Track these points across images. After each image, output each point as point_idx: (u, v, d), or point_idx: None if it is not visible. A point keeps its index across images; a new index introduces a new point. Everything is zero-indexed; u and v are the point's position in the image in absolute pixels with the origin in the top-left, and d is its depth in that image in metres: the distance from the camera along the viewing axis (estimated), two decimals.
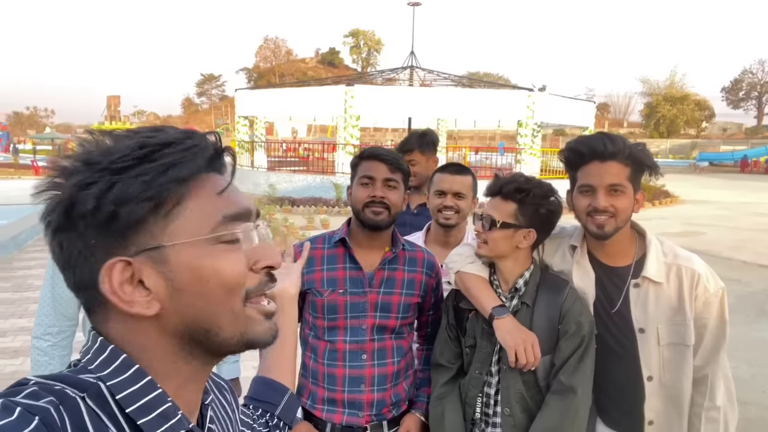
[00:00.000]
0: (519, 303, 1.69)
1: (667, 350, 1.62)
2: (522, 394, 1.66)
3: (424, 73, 24.07)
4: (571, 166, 1.69)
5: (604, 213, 1.59)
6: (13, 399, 0.54)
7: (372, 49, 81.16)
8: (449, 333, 1.83)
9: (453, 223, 2.21)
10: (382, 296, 1.83)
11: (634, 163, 1.60)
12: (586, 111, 21.94)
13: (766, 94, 66.09)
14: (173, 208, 0.62)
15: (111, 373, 0.61)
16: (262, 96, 21.51)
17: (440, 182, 2.24)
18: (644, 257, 1.66)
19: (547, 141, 43.45)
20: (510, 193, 1.68)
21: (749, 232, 12.47)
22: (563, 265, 1.77)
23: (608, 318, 1.67)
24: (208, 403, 0.75)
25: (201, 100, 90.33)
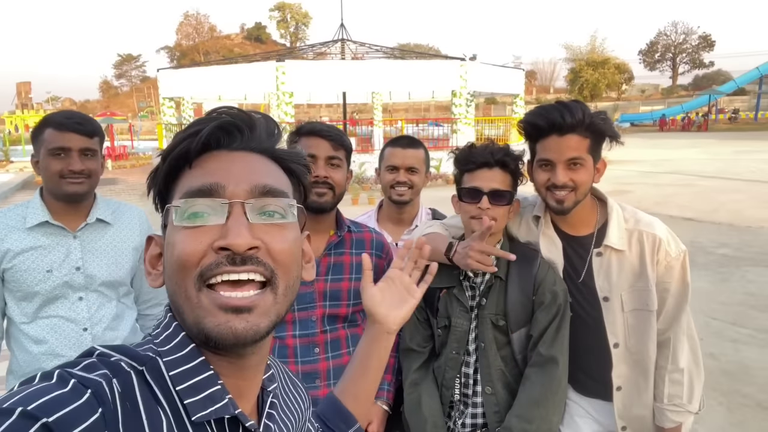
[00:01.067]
0: (492, 277, 1.65)
1: (631, 316, 1.64)
2: (502, 371, 1.64)
3: (355, 46, 23.69)
4: (530, 138, 1.65)
5: (563, 188, 1.57)
6: (69, 370, 0.56)
7: (300, 23, 79.11)
8: (418, 316, 1.78)
9: (407, 199, 2.14)
10: (330, 284, 1.72)
11: (593, 134, 1.57)
12: (515, 78, 22.34)
13: (679, 54, 69.80)
14: (171, 188, 0.67)
15: (170, 349, 0.63)
16: (188, 75, 20.50)
17: (392, 157, 2.15)
18: (606, 225, 1.66)
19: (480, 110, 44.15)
20: (507, 162, 1.63)
21: (672, 187, 13.23)
22: (529, 236, 1.75)
23: (575, 287, 1.67)
24: (271, 390, 0.74)
25: (120, 82, 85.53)
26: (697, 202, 11.27)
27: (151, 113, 49.64)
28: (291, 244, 0.66)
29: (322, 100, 31.00)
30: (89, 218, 1.85)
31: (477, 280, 1.68)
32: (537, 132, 1.61)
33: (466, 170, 1.66)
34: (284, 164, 0.72)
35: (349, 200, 13.04)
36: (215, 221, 0.62)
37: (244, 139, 0.68)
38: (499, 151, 1.63)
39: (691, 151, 22.16)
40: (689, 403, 1.66)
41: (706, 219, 9.62)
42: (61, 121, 1.74)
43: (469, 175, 1.65)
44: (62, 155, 1.73)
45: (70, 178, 1.75)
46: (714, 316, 5.13)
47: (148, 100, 63.63)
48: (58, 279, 1.78)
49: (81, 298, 1.83)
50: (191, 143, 0.65)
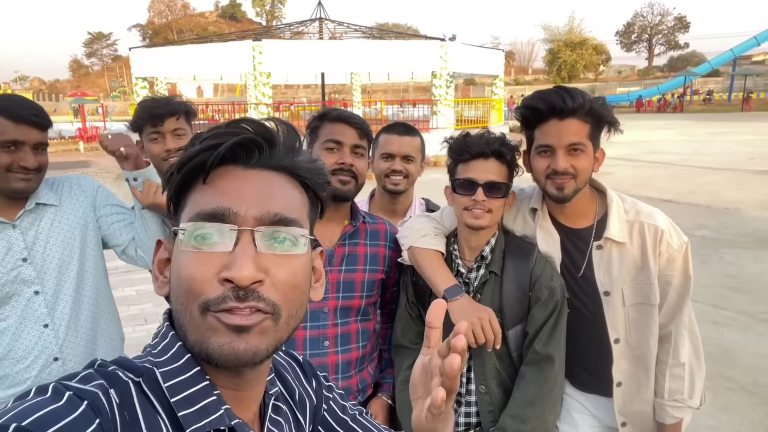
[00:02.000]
0: (487, 272, 1.57)
1: (633, 311, 1.58)
2: (497, 369, 1.57)
3: (333, 26, 23.24)
4: (528, 125, 1.57)
5: (564, 175, 1.49)
6: (65, 383, 0.56)
7: (276, 1, 77.57)
8: (410, 311, 1.70)
9: (402, 189, 2.04)
10: (343, 275, 1.66)
11: (593, 120, 1.50)
12: (495, 59, 22.25)
13: (655, 36, 70.44)
14: (183, 198, 0.66)
15: (166, 360, 0.62)
16: (161, 54, 19.94)
17: (387, 144, 2.04)
18: (605, 217, 1.59)
19: (459, 91, 44.05)
20: (503, 153, 1.54)
21: (650, 169, 13.37)
22: (525, 229, 1.67)
23: (574, 282, 1.60)
24: (273, 393, 0.73)
25: (91, 61, 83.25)
26: (675, 183, 11.40)
27: (123, 93, 48.43)
28: (297, 273, 0.65)
29: (300, 80, 30.55)
30: (27, 205, 1.67)
31: (471, 276, 1.59)
32: (536, 116, 1.52)
33: (461, 160, 1.57)
34: (302, 180, 0.70)
35: None
36: (222, 248, 0.61)
37: (262, 157, 0.66)
38: (495, 141, 1.55)
39: (667, 132, 22.44)
40: (690, 398, 1.62)
41: (684, 201, 9.74)
42: (14, 110, 1.57)
43: (464, 166, 1.56)
44: (13, 148, 1.57)
45: (20, 173, 1.59)
46: (695, 298, 5.13)
47: (120, 80, 62.10)
48: (3, 275, 1.62)
49: (37, 291, 1.67)
50: (207, 157, 0.63)
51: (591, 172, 1.54)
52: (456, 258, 1.62)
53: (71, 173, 1.75)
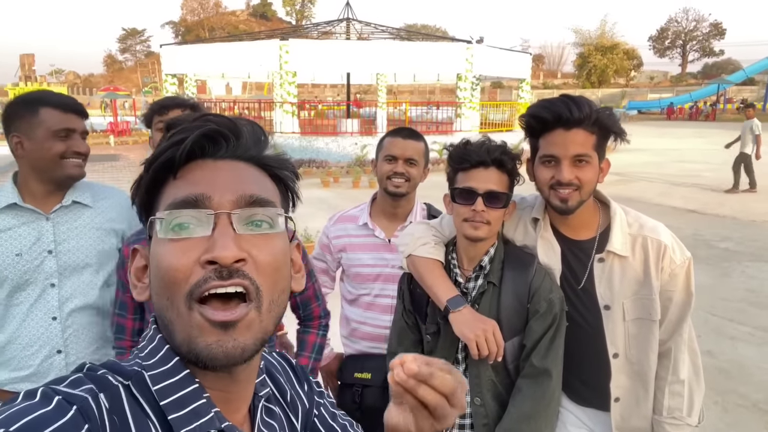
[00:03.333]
0: (485, 283, 1.57)
1: (633, 326, 1.57)
2: (493, 381, 1.57)
3: (361, 26, 23.32)
4: (533, 133, 1.56)
5: (568, 186, 1.48)
6: (54, 387, 0.55)
7: (306, 1, 78.12)
8: (406, 320, 1.71)
9: (403, 191, 2.05)
10: None
11: (600, 130, 1.48)
12: (522, 63, 22.04)
13: (690, 42, 68.89)
14: (156, 197, 0.65)
15: (154, 363, 0.62)
16: (191, 52, 20.27)
17: (391, 147, 2.06)
18: (608, 229, 1.57)
19: (485, 94, 43.76)
20: (504, 162, 1.53)
21: (677, 177, 13.09)
22: (526, 239, 1.66)
23: (574, 294, 1.59)
24: (263, 395, 0.72)
25: (125, 57, 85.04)
26: (702, 193, 11.15)
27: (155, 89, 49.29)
28: (278, 255, 0.65)
29: (326, 80, 30.72)
30: (64, 200, 1.77)
31: (469, 285, 1.59)
32: (541, 126, 1.51)
33: (461, 169, 1.56)
34: (272, 171, 0.70)
35: (350, 183, 12.96)
36: (201, 233, 0.61)
37: (229, 148, 0.66)
38: (496, 150, 1.54)
39: (697, 141, 21.91)
40: (689, 416, 1.59)
41: (710, 211, 9.51)
42: (60, 101, 1.70)
43: (464, 175, 1.55)
44: (65, 136, 1.69)
45: (74, 159, 1.71)
46: (713, 312, 5.07)
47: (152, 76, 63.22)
48: (27, 263, 1.70)
49: (53, 284, 1.74)
50: (175, 152, 0.63)
51: (596, 183, 1.53)
52: (454, 267, 1.62)
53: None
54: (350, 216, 2.21)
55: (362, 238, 2.14)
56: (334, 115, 22.02)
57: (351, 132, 17.75)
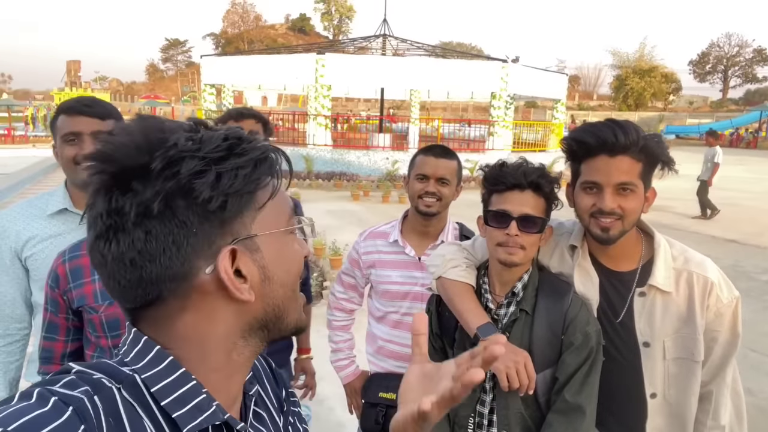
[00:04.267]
0: (517, 310, 1.51)
1: (674, 365, 1.48)
2: (522, 414, 1.49)
3: (396, 42, 23.47)
4: (574, 158, 1.49)
5: (610, 215, 1.41)
6: (50, 388, 0.55)
7: (344, 17, 79.32)
8: (433, 343, 1.65)
9: (434, 211, 2.01)
10: None
11: (647, 158, 1.41)
12: (558, 83, 21.82)
13: (732, 67, 67.32)
14: (267, 201, 0.66)
15: (145, 365, 0.61)
16: (230, 63, 20.72)
17: (423, 165, 2.03)
18: (651, 262, 1.49)
19: (519, 113, 43.44)
20: (541, 185, 1.47)
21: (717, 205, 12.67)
22: (562, 267, 1.59)
23: (611, 328, 1.51)
24: (252, 393, 0.75)
25: (166, 66, 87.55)
26: (742, 223, 10.77)
27: (193, 98, 50.51)
28: None
29: (360, 94, 30.97)
30: None
31: (500, 312, 1.53)
32: (584, 151, 1.45)
33: (495, 191, 1.51)
34: None
35: (379, 197, 12.95)
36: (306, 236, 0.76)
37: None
38: (532, 172, 1.48)
39: (737, 168, 21.24)
40: None
41: (751, 242, 9.16)
42: (70, 105, 1.70)
43: (498, 197, 1.50)
44: (74, 140, 1.67)
45: (84, 163, 1.69)
46: (754, 347, 4.84)
47: (191, 85, 64.87)
48: None
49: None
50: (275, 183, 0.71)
51: (640, 213, 1.45)
52: (485, 292, 1.57)
53: None
54: (381, 232, 2.19)
55: (392, 254, 2.12)
56: (367, 129, 22.14)
57: (383, 146, 17.80)
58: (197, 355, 0.64)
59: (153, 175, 0.58)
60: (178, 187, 0.58)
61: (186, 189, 0.58)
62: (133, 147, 0.59)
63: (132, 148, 0.59)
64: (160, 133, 0.60)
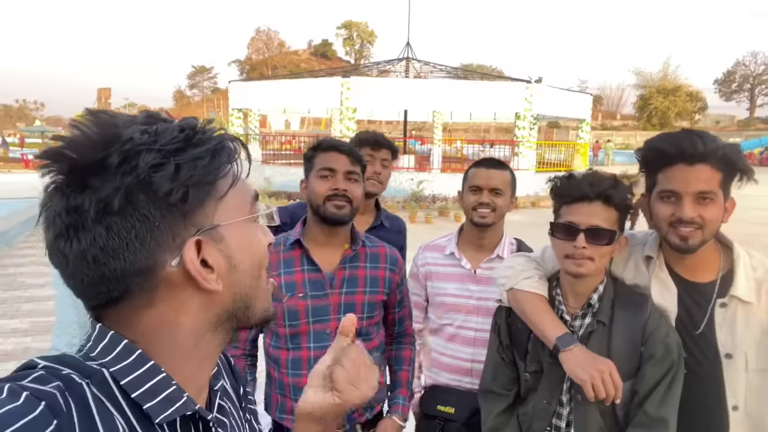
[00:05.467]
0: (594, 322, 1.48)
1: (756, 377, 1.43)
2: (600, 428, 1.46)
3: (419, 65, 23.75)
4: (650, 167, 1.48)
5: (690, 224, 1.38)
6: (20, 383, 0.54)
7: (365, 42, 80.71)
8: (503, 356, 1.63)
9: (489, 222, 2.01)
10: (344, 297, 1.77)
11: (726, 167, 1.40)
12: (582, 103, 21.76)
13: (758, 86, 66.37)
14: (228, 190, 0.66)
15: (113, 359, 0.61)
16: (257, 88, 21.13)
17: (475, 177, 2.04)
18: (731, 272, 1.46)
19: (542, 133, 43.32)
20: (611, 196, 1.45)
21: (754, 226, 12.37)
22: (637, 278, 1.56)
23: (690, 340, 1.47)
24: (218, 389, 0.75)
25: (193, 92, 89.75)
26: None
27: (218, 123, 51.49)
28: None
29: (383, 116, 31.27)
30: None
31: (576, 324, 1.51)
32: (661, 160, 1.43)
33: (564, 202, 1.50)
34: None
35: (405, 218, 12.95)
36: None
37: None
38: (601, 182, 1.46)
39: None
40: None
41: None
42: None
43: (567, 209, 1.49)
44: None
45: None
46: None
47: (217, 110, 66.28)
48: None
49: None
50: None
51: (720, 223, 1.43)
52: (559, 304, 1.54)
53: None
54: (437, 245, 2.20)
55: (448, 267, 2.12)
56: None
57: (407, 168, 17.87)
58: (166, 348, 0.63)
59: (110, 170, 0.57)
60: (138, 182, 0.57)
61: (145, 183, 0.58)
62: (87, 143, 0.58)
63: (86, 145, 0.58)
64: (113, 128, 0.59)
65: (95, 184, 0.57)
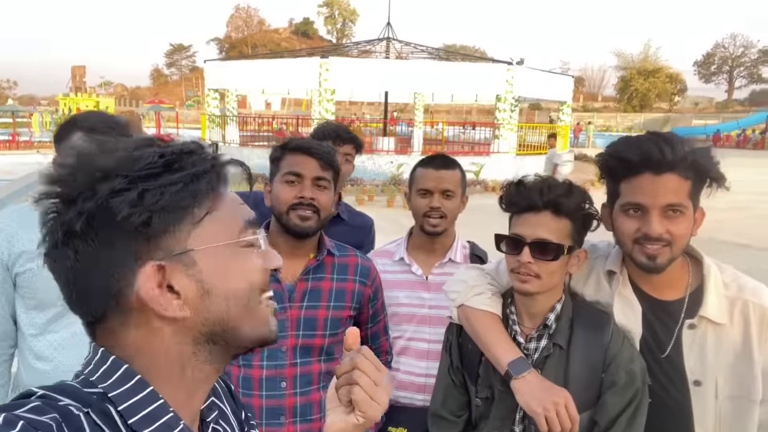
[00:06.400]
0: (550, 345, 1.35)
1: (727, 405, 1.31)
2: None
3: (400, 46, 23.34)
4: (612, 176, 1.34)
5: (657, 241, 1.25)
6: (15, 413, 0.55)
7: (347, 20, 79.47)
8: (453, 378, 1.50)
9: (440, 230, 1.89)
10: (305, 311, 1.58)
11: (696, 175, 1.26)
12: (564, 85, 21.66)
13: (737, 68, 66.98)
14: (205, 216, 0.65)
15: (113, 383, 0.62)
16: (234, 68, 20.60)
17: (424, 179, 1.90)
18: (700, 290, 1.33)
19: (523, 115, 43.26)
20: (561, 205, 1.30)
21: (726, 211, 12.44)
22: (598, 295, 1.43)
23: (655, 364, 1.35)
24: (210, 420, 0.74)
25: (170, 71, 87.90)
26: (755, 227, 10.56)
27: (197, 103, 50.55)
28: None
29: (363, 97, 30.89)
30: None
31: (530, 346, 1.37)
32: (625, 168, 1.29)
33: (514, 212, 1.37)
34: None
35: (384, 201, 12.80)
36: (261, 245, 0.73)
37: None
38: (551, 190, 1.30)
39: (746, 171, 20.96)
40: None
41: (763, 245, 8.96)
42: (90, 123, 1.61)
43: (516, 219, 1.35)
44: None
45: None
46: None
47: (195, 90, 65.02)
48: None
49: None
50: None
51: (689, 237, 1.29)
52: (513, 324, 1.41)
53: None
54: (385, 251, 2.07)
55: (398, 274, 1.98)
56: (371, 133, 22.01)
57: (387, 150, 17.65)
58: (156, 372, 0.64)
59: (77, 196, 0.60)
60: (97, 206, 0.59)
61: (104, 207, 0.59)
62: (66, 170, 0.61)
63: (66, 172, 0.61)
64: (90, 156, 0.61)
65: (62, 210, 0.61)
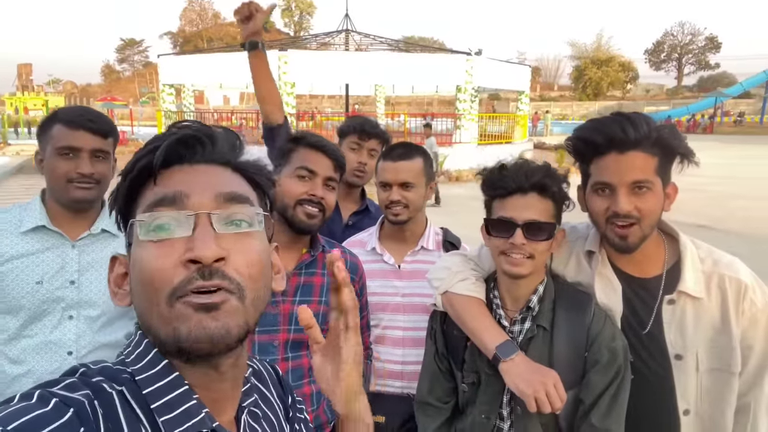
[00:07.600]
0: (534, 326, 1.35)
1: (708, 377, 1.34)
2: None
3: (360, 37, 23.22)
4: (581, 158, 1.35)
5: (626, 218, 1.27)
6: (50, 389, 0.56)
7: (304, 13, 78.51)
8: (439, 364, 1.49)
9: (403, 219, 1.88)
10: (297, 306, 1.50)
11: (662, 151, 1.28)
12: (521, 75, 22.01)
13: (685, 55, 69.32)
14: (134, 202, 0.66)
15: (142, 367, 0.62)
16: (189, 62, 20.13)
17: (383, 172, 1.90)
18: (678, 266, 1.36)
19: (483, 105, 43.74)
20: (547, 186, 1.32)
21: (682, 192, 12.91)
22: (579, 275, 1.44)
23: (637, 340, 1.37)
24: (246, 405, 0.72)
25: (122, 67, 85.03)
26: (710, 208, 10.97)
27: (152, 99, 49.20)
28: (259, 253, 0.66)
29: (324, 90, 30.63)
30: (93, 228, 1.63)
31: (514, 329, 1.37)
32: (592, 150, 1.31)
33: (496, 196, 1.36)
34: (248, 176, 0.71)
35: None
36: (181, 233, 0.61)
37: (205, 153, 0.67)
38: (536, 172, 1.32)
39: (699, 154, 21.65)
40: None
41: (720, 227, 9.32)
42: (72, 117, 1.55)
43: (500, 203, 1.35)
44: (71, 155, 1.53)
45: (78, 182, 1.54)
46: None
47: (150, 86, 63.23)
48: (47, 292, 1.55)
49: (71, 317, 1.59)
50: (152, 158, 0.64)
51: (660, 213, 1.31)
52: (497, 308, 1.40)
53: None
54: (358, 240, 2.05)
55: (370, 263, 1.96)
56: (332, 126, 21.89)
57: None
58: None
59: None
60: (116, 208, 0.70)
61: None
62: None
63: None
64: None
65: None
